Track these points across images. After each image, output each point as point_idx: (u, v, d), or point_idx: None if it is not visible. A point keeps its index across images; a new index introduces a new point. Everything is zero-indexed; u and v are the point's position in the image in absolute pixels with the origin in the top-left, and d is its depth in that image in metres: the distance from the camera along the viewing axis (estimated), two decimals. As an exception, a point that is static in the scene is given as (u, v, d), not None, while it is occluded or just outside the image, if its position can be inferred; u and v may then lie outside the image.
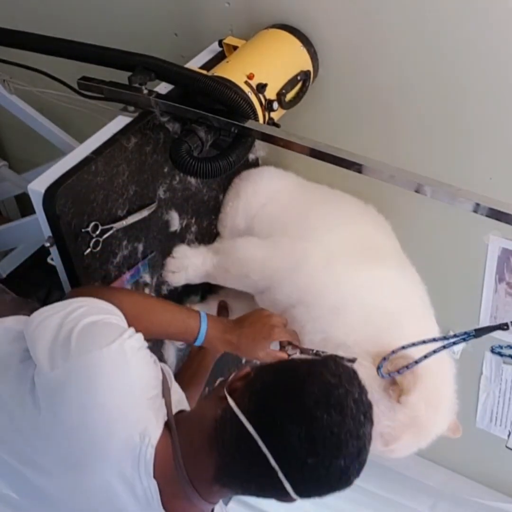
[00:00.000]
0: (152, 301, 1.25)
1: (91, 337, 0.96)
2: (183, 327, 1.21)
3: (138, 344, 1.00)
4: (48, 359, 0.96)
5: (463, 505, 2.18)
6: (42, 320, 1.02)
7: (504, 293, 1.66)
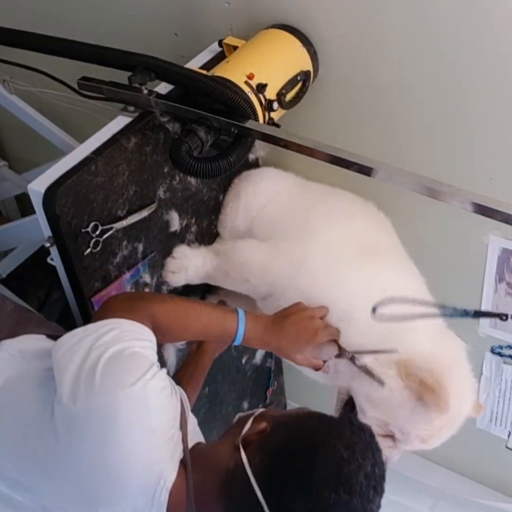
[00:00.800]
0: (187, 308, 1.18)
1: (115, 374, 0.96)
2: (220, 331, 1.18)
3: (161, 384, 0.99)
4: (71, 390, 0.96)
5: (463, 505, 2.18)
6: (73, 344, 1.01)
7: (504, 293, 1.66)
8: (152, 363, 1.00)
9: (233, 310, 1.19)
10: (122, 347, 0.99)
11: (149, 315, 1.08)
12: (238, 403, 2.10)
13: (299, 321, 1.22)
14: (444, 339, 1.37)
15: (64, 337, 1.03)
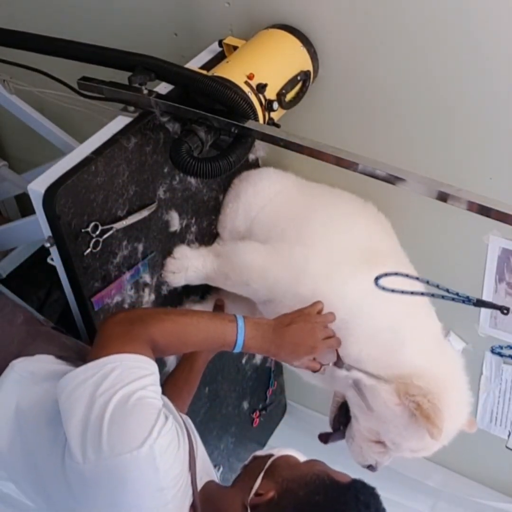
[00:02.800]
0: (185, 324, 1.16)
1: (122, 434, 0.96)
2: (220, 342, 1.18)
3: (167, 440, 0.98)
4: (79, 447, 0.97)
5: (463, 505, 2.18)
6: (74, 389, 1.01)
7: (504, 293, 1.66)
8: (158, 412, 0.99)
9: (232, 319, 1.18)
10: (125, 394, 0.98)
11: (148, 339, 1.08)
12: (238, 403, 2.10)
13: (299, 332, 1.21)
14: (443, 351, 1.37)
15: (67, 378, 1.03)
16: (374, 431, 1.30)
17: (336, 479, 1.04)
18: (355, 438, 1.36)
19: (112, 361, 1.02)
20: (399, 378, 1.26)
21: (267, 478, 1.06)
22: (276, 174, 1.66)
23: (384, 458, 1.35)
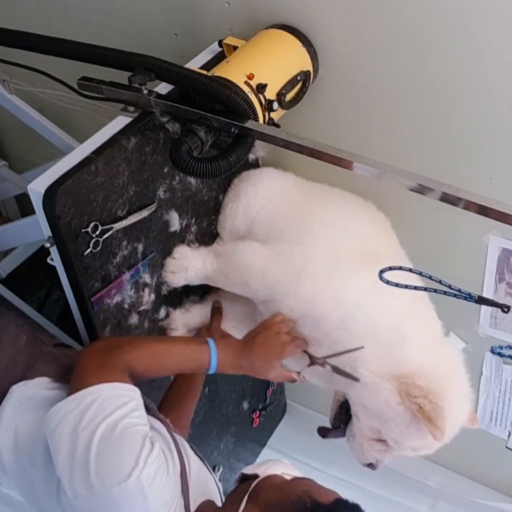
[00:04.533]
0: (159, 350, 1.22)
1: (109, 468, 0.97)
2: (195, 365, 1.24)
3: (154, 468, 0.99)
4: (69, 483, 0.99)
5: (462, 505, 2.18)
6: (56, 426, 1.03)
7: (504, 293, 1.66)
8: (143, 441, 1.00)
9: (203, 341, 1.25)
10: (109, 426, 1.00)
11: (124, 367, 1.11)
12: (238, 403, 2.10)
13: (266, 339, 1.27)
14: (443, 349, 1.37)
15: (50, 415, 1.05)
16: (376, 429, 1.30)
17: (317, 501, 1.04)
18: (356, 436, 1.36)
19: (91, 392, 1.04)
20: (400, 377, 1.26)
21: (251, 502, 1.06)
22: (276, 174, 1.65)
23: (385, 456, 1.35)
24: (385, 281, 1.18)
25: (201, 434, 1.95)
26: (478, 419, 1.38)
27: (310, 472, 2.29)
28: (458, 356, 1.37)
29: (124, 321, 1.43)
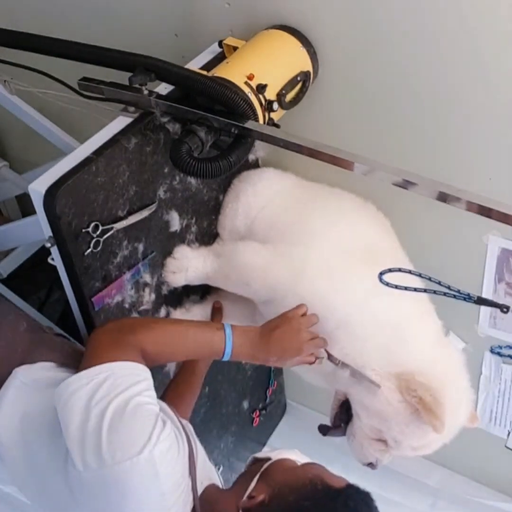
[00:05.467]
0: (173, 333, 1.19)
1: (121, 442, 0.97)
2: (208, 351, 1.21)
3: (166, 445, 0.99)
4: (79, 456, 0.98)
5: (462, 505, 2.18)
6: (68, 398, 1.02)
7: (504, 293, 1.66)
8: (155, 418, 1.00)
9: (220, 327, 1.20)
10: (122, 401, 0.99)
11: (137, 347, 1.10)
12: (238, 402, 2.10)
13: (285, 335, 1.23)
14: (443, 349, 1.38)
15: (61, 387, 1.04)
16: (376, 429, 1.31)
17: (329, 484, 1.03)
18: (356, 436, 1.36)
19: (104, 370, 1.03)
20: (401, 375, 1.27)
21: (261, 481, 1.06)
22: (276, 174, 1.66)
23: (385, 456, 1.35)
24: (385, 283, 1.18)
25: (201, 433, 1.94)
26: (478, 418, 1.39)
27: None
28: (459, 356, 1.37)
29: (125, 321, 1.44)
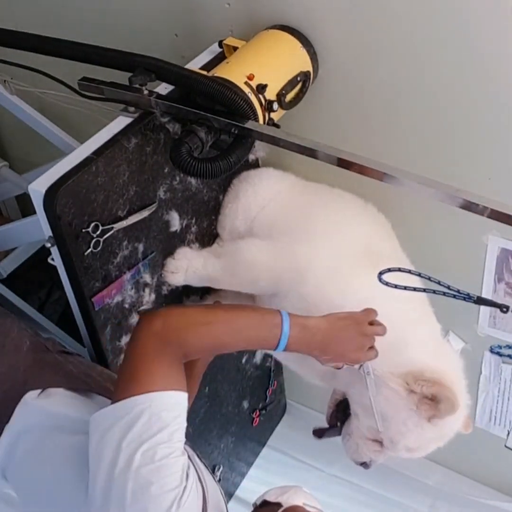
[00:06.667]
0: (225, 336, 1.10)
1: (145, 505, 0.94)
2: (258, 347, 1.17)
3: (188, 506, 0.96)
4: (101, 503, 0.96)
5: (462, 505, 2.19)
6: (104, 433, 0.99)
7: (503, 293, 1.66)
8: (181, 475, 0.97)
9: (277, 323, 1.11)
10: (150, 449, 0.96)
11: (181, 356, 1.05)
12: (238, 402, 2.10)
13: (348, 342, 1.16)
14: (443, 353, 1.38)
15: (96, 419, 1.02)
16: (374, 429, 1.30)
17: None
18: (352, 435, 1.36)
19: (141, 402, 0.99)
20: (405, 374, 1.26)
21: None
22: (275, 174, 1.66)
23: (379, 457, 1.35)
24: (384, 282, 1.18)
25: (201, 433, 1.96)
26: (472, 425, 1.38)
27: (310, 471, 2.29)
28: (457, 360, 1.37)
29: (125, 321, 1.44)
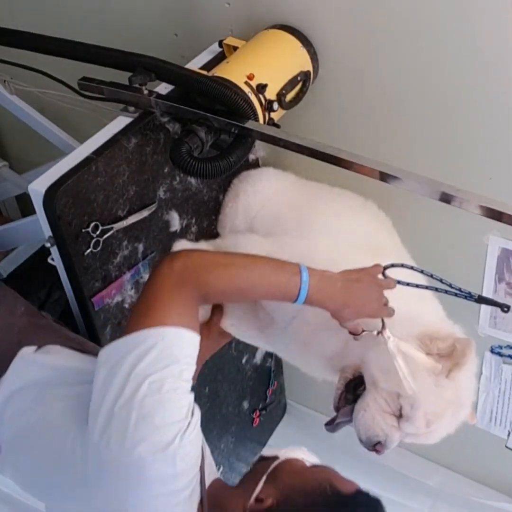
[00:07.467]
0: (244, 280, 1.09)
1: (148, 433, 0.94)
2: (279, 297, 1.12)
3: (191, 444, 0.97)
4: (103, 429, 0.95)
5: (462, 505, 2.18)
6: (111, 368, 0.98)
7: (504, 293, 1.66)
8: (186, 411, 0.97)
9: (296, 271, 1.09)
10: (158, 381, 0.95)
11: (199, 296, 1.04)
12: (238, 402, 2.10)
13: (367, 292, 1.15)
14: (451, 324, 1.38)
15: (107, 353, 1.00)
16: (394, 394, 1.26)
17: (338, 489, 1.01)
18: (368, 408, 1.30)
19: (153, 335, 0.98)
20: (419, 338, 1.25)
21: (268, 483, 1.04)
22: (275, 174, 1.66)
23: (396, 434, 1.29)
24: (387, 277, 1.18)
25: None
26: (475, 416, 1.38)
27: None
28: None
29: (125, 321, 1.43)
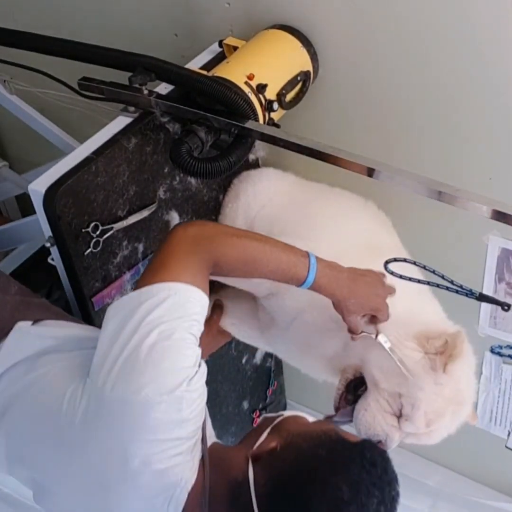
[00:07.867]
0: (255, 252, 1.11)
1: (156, 374, 0.93)
2: (288, 276, 1.13)
3: (197, 394, 0.98)
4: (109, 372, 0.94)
5: (462, 505, 2.18)
6: (122, 319, 0.98)
7: (504, 293, 1.66)
8: (194, 361, 0.98)
9: (304, 254, 1.13)
10: (168, 329, 0.95)
11: (211, 264, 1.05)
12: (238, 403, 2.10)
13: (372, 286, 1.18)
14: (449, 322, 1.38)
15: (119, 305, 1.00)
16: (395, 394, 1.27)
17: (344, 437, 1.00)
18: (369, 408, 1.32)
19: (166, 288, 0.98)
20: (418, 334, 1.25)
21: (272, 434, 1.02)
22: (275, 174, 1.66)
23: (396, 434, 1.30)
24: (390, 271, 1.18)
25: (201, 433, 1.95)
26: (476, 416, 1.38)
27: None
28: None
29: (125, 321, 1.43)
